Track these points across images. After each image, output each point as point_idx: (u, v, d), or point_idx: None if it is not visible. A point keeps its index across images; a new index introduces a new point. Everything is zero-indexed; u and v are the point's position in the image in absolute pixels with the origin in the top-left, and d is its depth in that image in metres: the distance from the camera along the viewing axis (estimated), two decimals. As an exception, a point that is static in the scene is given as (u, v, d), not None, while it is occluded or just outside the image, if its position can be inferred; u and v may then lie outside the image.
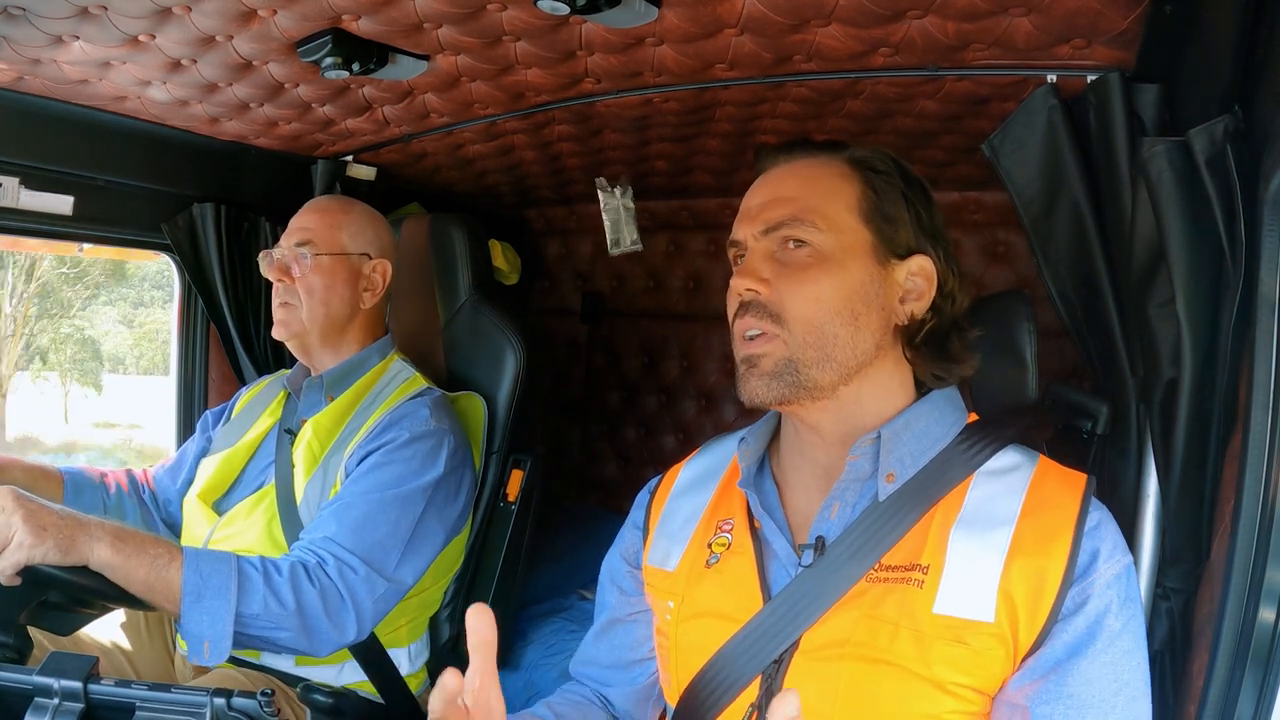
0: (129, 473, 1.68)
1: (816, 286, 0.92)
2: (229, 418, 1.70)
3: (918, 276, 0.95)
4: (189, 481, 1.66)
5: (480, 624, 0.73)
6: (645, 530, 1.11)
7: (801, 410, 0.95)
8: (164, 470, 1.72)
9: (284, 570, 1.28)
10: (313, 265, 1.53)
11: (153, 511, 1.67)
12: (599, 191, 2.06)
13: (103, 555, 1.14)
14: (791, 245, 0.94)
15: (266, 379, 1.76)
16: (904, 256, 0.95)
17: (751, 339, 0.94)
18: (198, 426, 1.75)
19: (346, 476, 1.44)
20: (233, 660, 1.43)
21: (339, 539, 1.34)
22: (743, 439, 1.02)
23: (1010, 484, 0.90)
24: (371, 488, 1.39)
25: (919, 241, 0.96)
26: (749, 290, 0.94)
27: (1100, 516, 0.87)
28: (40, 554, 1.09)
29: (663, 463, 1.17)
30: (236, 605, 1.20)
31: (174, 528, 1.68)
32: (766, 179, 1.00)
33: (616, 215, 2.08)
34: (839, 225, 0.94)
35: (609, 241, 2.10)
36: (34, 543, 1.08)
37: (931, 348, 0.96)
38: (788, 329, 0.92)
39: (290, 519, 1.45)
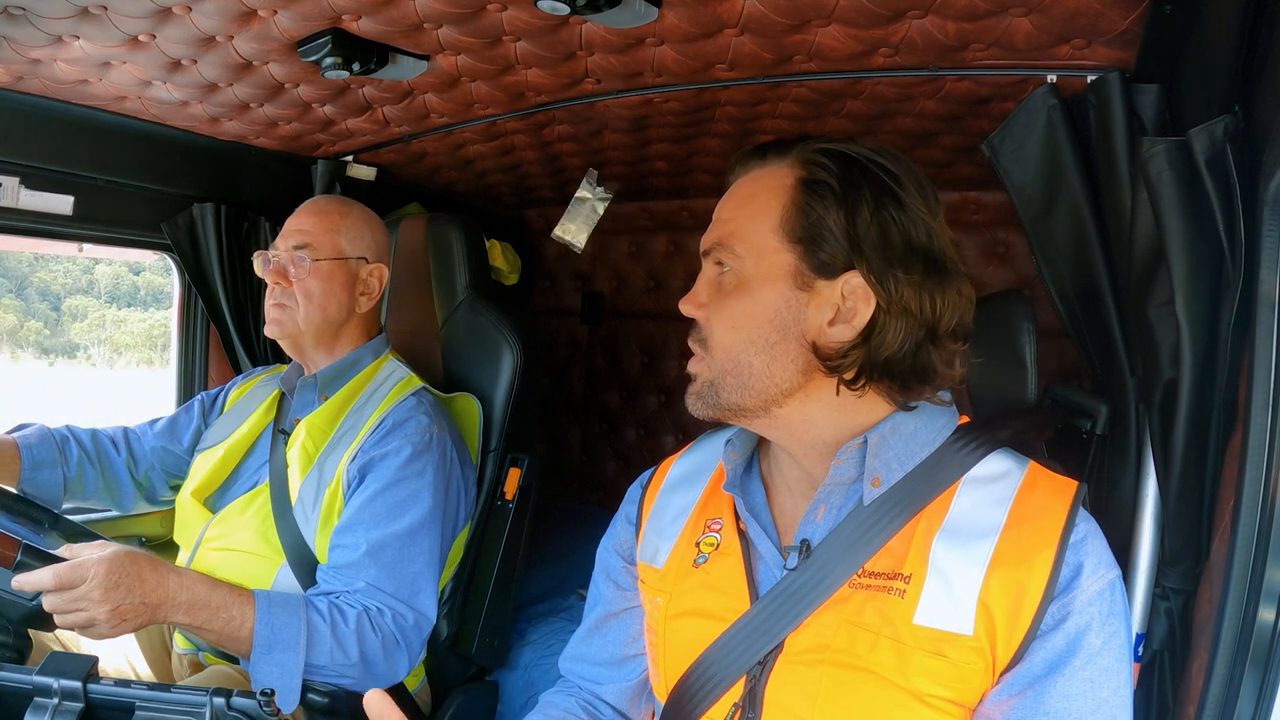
0: (94, 433, 1.65)
1: (732, 314, 0.92)
2: (222, 410, 1.70)
3: (853, 296, 0.88)
4: (180, 457, 1.67)
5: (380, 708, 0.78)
6: (637, 525, 1.11)
7: (746, 424, 0.96)
8: (153, 432, 1.70)
9: (350, 620, 1.32)
10: (310, 270, 1.52)
11: (124, 475, 1.65)
12: (585, 180, 2.02)
13: (177, 622, 1.23)
14: (724, 269, 0.94)
15: (260, 374, 1.76)
16: (835, 275, 0.88)
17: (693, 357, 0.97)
18: (195, 405, 1.73)
19: (347, 485, 1.44)
20: (231, 659, 1.43)
21: (383, 585, 1.37)
22: (729, 440, 1.02)
23: (997, 493, 0.88)
24: (392, 515, 1.40)
25: (851, 257, 0.87)
26: (690, 314, 0.96)
27: (1087, 529, 0.85)
28: (114, 635, 1.17)
29: (661, 463, 1.17)
30: (305, 658, 1.26)
31: (148, 490, 1.68)
32: (727, 193, 0.99)
33: (582, 208, 2.05)
34: (759, 248, 0.90)
35: (559, 225, 2.06)
36: (111, 631, 1.15)
37: (886, 372, 0.88)
38: (711, 354, 0.93)
39: (285, 519, 1.45)
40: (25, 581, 1.11)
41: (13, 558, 1.12)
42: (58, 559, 1.14)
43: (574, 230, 2.04)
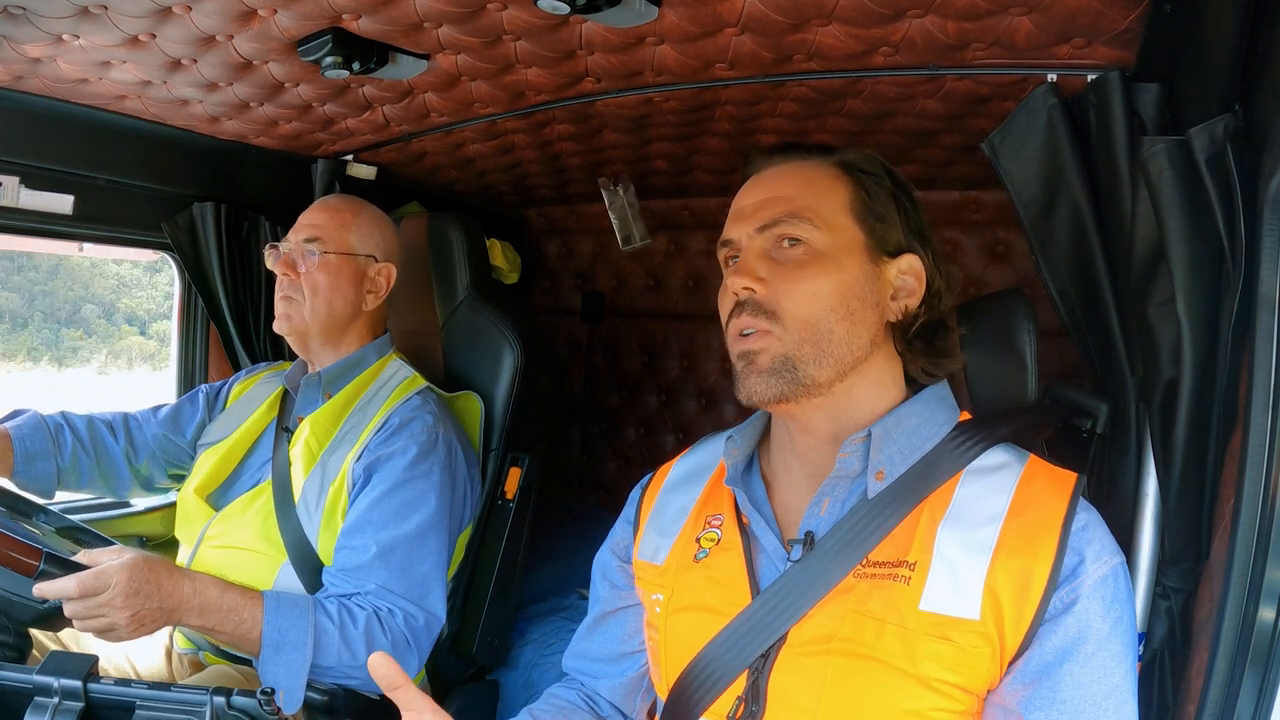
0: (90, 420, 1.64)
1: (813, 284, 0.92)
2: (224, 405, 1.71)
3: (908, 275, 0.97)
4: (182, 448, 1.67)
5: (386, 670, 0.80)
6: (636, 525, 1.12)
7: (797, 409, 0.95)
8: (156, 420, 1.69)
9: (359, 622, 1.32)
10: (319, 263, 1.53)
11: (121, 463, 1.64)
12: (603, 191, 2.06)
13: (191, 625, 1.24)
14: (786, 244, 0.94)
15: (262, 370, 1.76)
16: (895, 255, 0.97)
17: (747, 336, 0.94)
18: (199, 397, 1.73)
19: (353, 483, 1.44)
20: (231, 658, 1.44)
21: (393, 587, 1.38)
22: (730, 437, 1.03)
23: (998, 482, 0.90)
24: (400, 517, 1.41)
25: (908, 241, 0.98)
26: (745, 289, 0.94)
27: (1089, 518, 0.86)
28: (131, 639, 1.19)
29: (662, 462, 1.18)
30: (312, 659, 1.27)
31: (146, 478, 1.68)
32: (759, 180, 1.01)
33: (623, 213, 2.08)
34: (833, 224, 0.95)
35: (620, 239, 2.11)
36: (130, 635, 1.18)
37: (923, 343, 0.98)
38: (784, 326, 0.92)
39: (287, 517, 1.46)
40: (48, 589, 1.12)
41: (35, 566, 1.12)
42: (79, 566, 1.15)
43: (632, 232, 2.07)
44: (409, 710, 0.80)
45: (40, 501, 1.45)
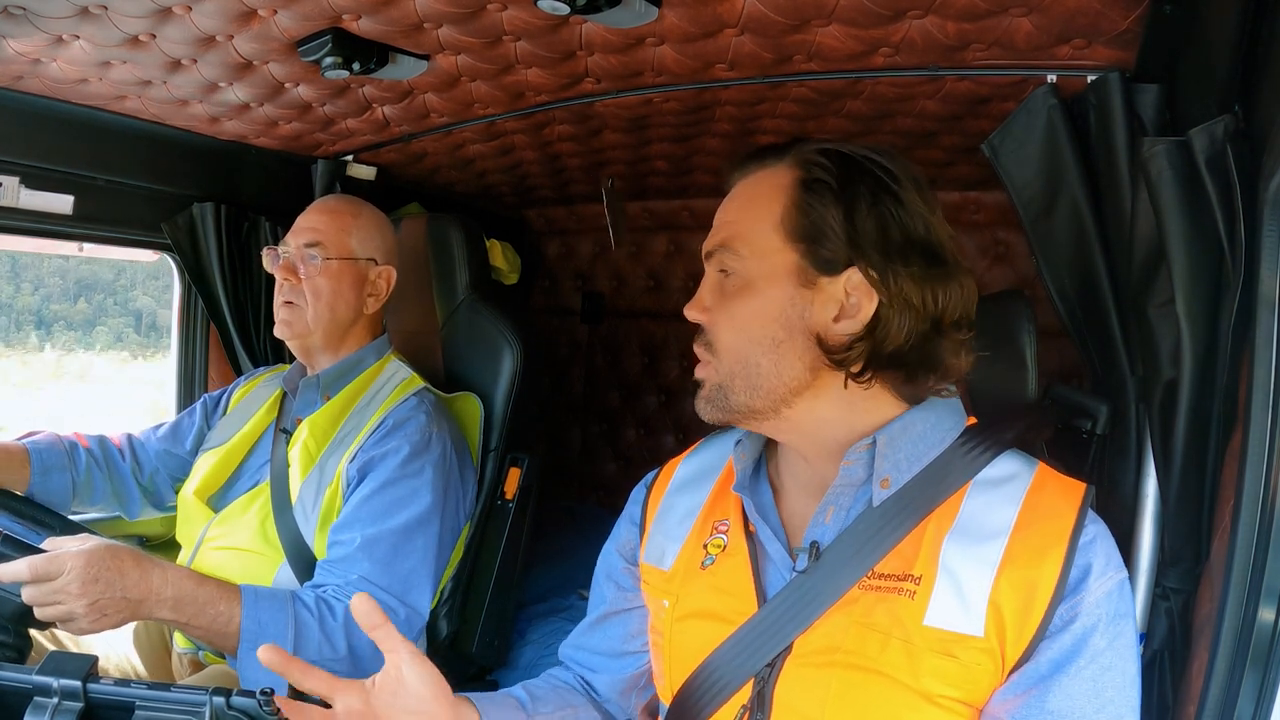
0: (102, 439, 1.65)
1: (737, 315, 0.92)
2: (225, 411, 1.71)
3: (856, 292, 0.89)
4: (184, 459, 1.67)
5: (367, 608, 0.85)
6: (642, 526, 1.11)
7: (757, 427, 0.96)
8: (156, 437, 1.70)
9: (339, 614, 1.31)
10: (320, 268, 1.52)
11: (130, 481, 1.65)
12: (604, 193, 2.06)
13: (163, 618, 1.22)
14: (727, 273, 0.95)
15: (263, 373, 1.76)
16: (838, 272, 0.89)
17: (699, 362, 0.96)
18: (198, 408, 1.73)
19: (347, 483, 1.44)
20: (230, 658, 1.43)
21: (375, 580, 1.37)
22: (739, 441, 1.02)
23: (1007, 494, 0.88)
24: (388, 512, 1.41)
25: (850, 253, 0.88)
26: (695, 319, 0.96)
27: (1096, 530, 0.85)
28: (96, 630, 1.16)
29: (662, 463, 1.17)
30: (294, 652, 1.23)
31: (154, 495, 1.68)
32: (729, 194, 1.00)
33: (616, 215, 2.08)
34: (762, 249, 0.91)
35: (614, 242, 2.10)
36: (91, 626, 1.14)
37: (892, 364, 0.89)
38: (718, 358, 0.93)
39: (284, 518, 1.46)
40: (1, 572, 1.10)
41: None
42: (38, 550, 1.13)
43: (620, 232, 2.08)
44: (390, 652, 0.84)
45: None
